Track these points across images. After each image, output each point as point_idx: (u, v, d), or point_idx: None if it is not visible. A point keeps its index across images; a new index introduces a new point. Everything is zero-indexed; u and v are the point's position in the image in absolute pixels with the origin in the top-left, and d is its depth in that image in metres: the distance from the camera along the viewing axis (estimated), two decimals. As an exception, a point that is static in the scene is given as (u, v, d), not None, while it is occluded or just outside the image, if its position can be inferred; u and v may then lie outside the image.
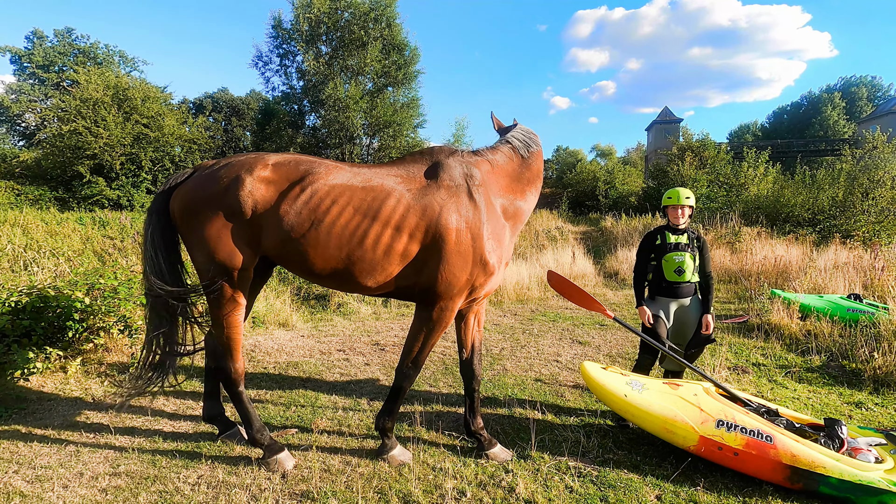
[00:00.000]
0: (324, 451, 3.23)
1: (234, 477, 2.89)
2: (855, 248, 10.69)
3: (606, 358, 5.44)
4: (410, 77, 25.66)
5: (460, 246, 2.74)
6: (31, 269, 6.56)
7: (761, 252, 10.82)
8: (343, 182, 2.79)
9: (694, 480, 2.93)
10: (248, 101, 36.78)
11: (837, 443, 2.96)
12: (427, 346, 2.94)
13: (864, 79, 52.37)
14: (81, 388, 4.21)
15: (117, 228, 12.26)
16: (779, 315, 6.40)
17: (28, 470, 2.93)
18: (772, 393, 4.37)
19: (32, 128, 31.08)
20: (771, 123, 56.51)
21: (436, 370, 4.94)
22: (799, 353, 5.48)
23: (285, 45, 25.39)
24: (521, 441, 3.42)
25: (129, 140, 22.29)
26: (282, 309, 6.80)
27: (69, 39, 33.25)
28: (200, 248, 2.75)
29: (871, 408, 4.08)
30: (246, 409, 3.02)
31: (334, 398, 4.17)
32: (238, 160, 2.86)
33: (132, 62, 35.39)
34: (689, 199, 3.84)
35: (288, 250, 2.73)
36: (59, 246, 9.03)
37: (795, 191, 15.43)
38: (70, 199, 21.65)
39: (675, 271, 3.76)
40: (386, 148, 25.11)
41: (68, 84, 28.13)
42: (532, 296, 8.92)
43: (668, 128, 43.23)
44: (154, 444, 3.28)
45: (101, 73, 24.45)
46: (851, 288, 7.80)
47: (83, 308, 4.48)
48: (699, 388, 3.24)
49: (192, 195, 2.77)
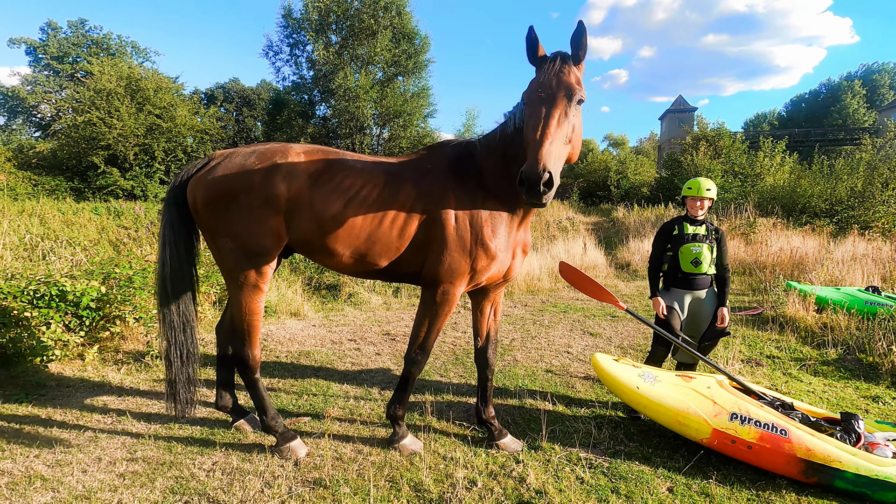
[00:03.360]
0: (336, 439, 3.26)
1: (247, 464, 2.94)
2: (874, 240, 10.48)
3: (618, 349, 5.41)
4: (420, 66, 25.50)
5: (460, 230, 2.80)
6: (48, 258, 6.68)
7: (777, 243, 10.65)
8: (368, 169, 2.93)
9: (706, 473, 2.92)
10: (258, 91, 36.87)
11: (854, 437, 2.92)
12: (433, 331, 2.97)
13: (887, 66, 50.95)
14: (99, 375, 4.29)
15: (131, 218, 12.41)
16: (794, 307, 6.31)
17: (48, 454, 3.00)
18: (786, 386, 4.32)
19: (48, 119, 31.52)
20: (788, 112, 55.37)
21: (447, 360, 4.96)
22: (814, 346, 5.40)
23: (295, 35, 25.35)
24: (532, 432, 3.42)
25: (142, 130, 22.51)
26: (293, 299, 6.86)
27: (83, 31, 33.50)
28: (228, 234, 2.81)
29: (888, 402, 4.02)
30: (261, 397, 3.06)
31: (346, 387, 4.20)
32: (265, 148, 2.93)
33: (144, 53, 35.62)
34: (710, 190, 3.78)
35: (317, 233, 2.82)
36: (75, 236, 9.17)
37: (813, 181, 15.14)
38: (85, 189, 21.98)
39: (691, 262, 3.72)
40: (396, 138, 25.05)
41: (82, 75, 28.42)
42: (543, 287, 8.89)
43: (682, 117, 42.51)
44: (170, 431, 3.34)
45: (114, 63, 24.66)
46: (869, 280, 7.66)
47: (99, 297, 4.55)
48: (713, 381, 3.21)
49: (221, 183, 2.81)
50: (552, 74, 2.46)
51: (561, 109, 2.39)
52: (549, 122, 2.35)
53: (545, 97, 2.43)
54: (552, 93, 2.43)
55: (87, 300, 4.42)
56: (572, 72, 2.47)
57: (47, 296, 4.32)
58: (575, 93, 2.43)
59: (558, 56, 2.51)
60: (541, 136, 2.31)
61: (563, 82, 2.43)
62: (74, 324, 4.49)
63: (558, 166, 2.35)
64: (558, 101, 2.41)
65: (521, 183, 2.30)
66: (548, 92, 2.44)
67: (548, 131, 2.32)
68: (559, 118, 2.37)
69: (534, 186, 2.22)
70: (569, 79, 2.44)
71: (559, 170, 2.37)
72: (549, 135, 2.30)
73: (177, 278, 3.03)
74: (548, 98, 2.42)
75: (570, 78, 2.45)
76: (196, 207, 2.91)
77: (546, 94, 2.44)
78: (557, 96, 2.42)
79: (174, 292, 3.03)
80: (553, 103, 2.40)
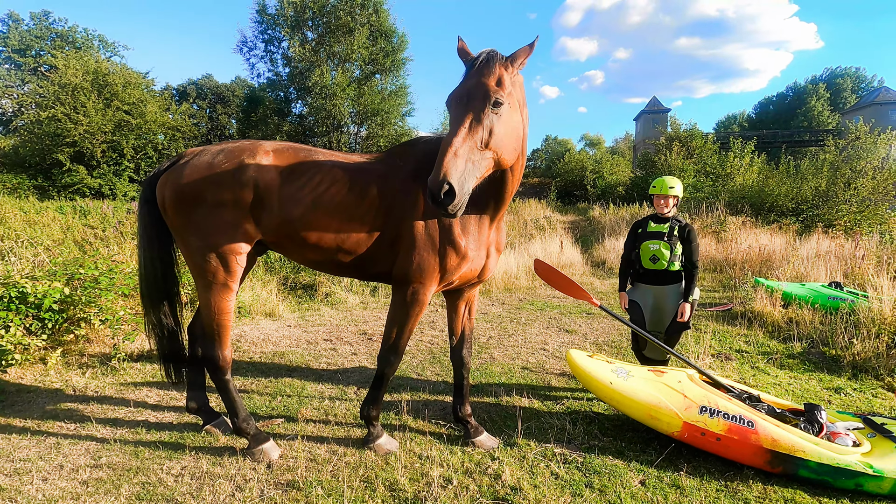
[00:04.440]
0: (310, 440, 3.21)
1: (218, 468, 2.87)
2: (837, 238, 10.87)
3: (593, 346, 5.48)
4: (398, 64, 25.39)
5: (429, 229, 2.78)
6: (7, 258, 6.40)
7: (746, 241, 10.95)
8: (339, 165, 2.90)
9: (677, 466, 2.98)
10: (233, 87, 36.15)
11: (817, 427, 3.02)
12: (405, 331, 2.95)
13: (849, 70, 53.05)
14: (62, 380, 4.13)
15: (99, 217, 12.00)
16: (762, 303, 6.50)
17: (6, 463, 2.88)
18: (754, 379, 4.44)
19: (9, 114, 30.24)
20: (757, 114, 57.06)
21: (423, 359, 4.94)
22: (781, 341, 5.58)
23: (270, 31, 24.95)
24: (508, 429, 3.44)
25: (109, 127, 21.79)
26: (268, 299, 6.73)
27: (46, 23, 32.29)
28: (196, 233, 2.76)
29: (849, 393, 4.17)
30: (232, 398, 3.00)
31: (321, 388, 4.14)
32: (234, 146, 2.89)
33: (112, 47, 34.53)
34: (674, 188, 3.87)
35: (287, 230, 2.80)
36: (37, 235, 8.81)
37: (780, 181, 15.61)
38: (50, 187, 21.16)
39: (650, 259, 3.86)
40: (374, 136, 24.88)
41: (46, 69, 27.32)
42: (520, 285, 8.95)
43: (656, 118, 43.44)
44: (137, 436, 3.24)
45: (79, 57, 23.78)
46: (833, 276, 7.94)
47: (63, 298, 4.38)
48: (683, 375, 3.27)
49: (189, 181, 2.76)
50: (471, 76, 2.35)
51: (471, 115, 2.25)
52: (458, 129, 2.23)
53: (456, 101, 2.33)
54: (463, 96, 2.31)
55: (50, 302, 4.26)
56: (493, 73, 2.33)
57: (6, 298, 4.14)
58: (490, 95, 2.27)
59: (483, 55, 2.39)
60: (445, 145, 2.20)
61: (479, 84, 2.30)
62: (36, 327, 4.31)
63: (470, 175, 2.22)
64: (469, 106, 2.27)
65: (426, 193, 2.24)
66: (459, 96, 2.33)
67: (453, 140, 2.20)
68: (470, 124, 2.24)
69: (434, 198, 2.15)
70: (486, 80, 2.30)
71: (473, 178, 2.25)
72: (454, 143, 2.19)
73: (151, 276, 3.10)
74: (458, 102, 2.32)
75: (489, 79, 2.31)
76: (164, 206, 2.86)
77: (457, 98, 2.33)
78: (468, 100, 2.29)
79: (150, 290, 3.13)
80: (463, 109, 2.28)
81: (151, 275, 3.10)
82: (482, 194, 2.75)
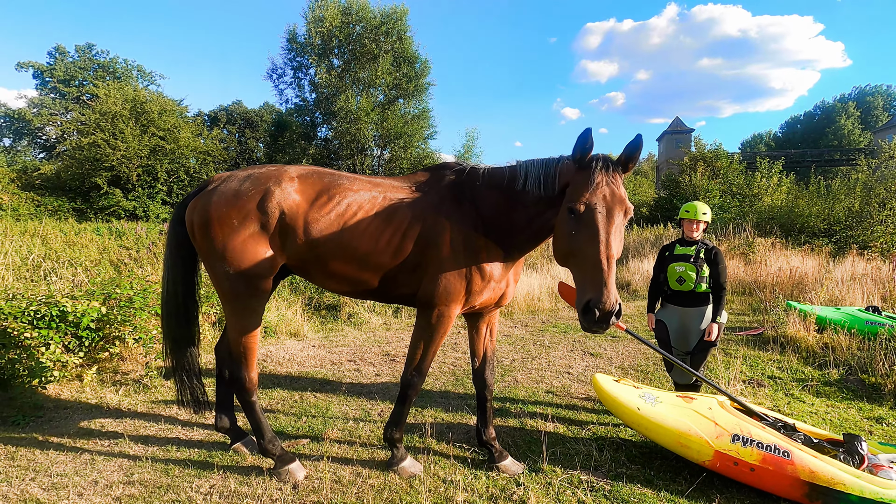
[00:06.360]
0: (335, 461, 3.23)
1: (245, 487, 2.90)
2: (873, 260, 10.51)
3: (619, 370, 5.38)
4: (421, 89, 25.98)
5: (455, 253, 2.81)
6: (49, 278, 6.69)
7: (776, 263, 10.67)
8: (365, 190, 2.95)
9: (709, 496, 2.88)
10: (261, 113, 37.41)
11: (857, 459, 2.89)
12: (429, 353, 2.97)
13: (880, 88, 51.87)
14: (97, 397, 4.27)
15: (133, 239, 12.46)
16: (795, 327, 6.29)
17: (44, 478, 2.97)
18: (788, 407, 4.29)
19: (53, 140, 31.95)
20: (784, 133, 56.07)
21: (447, 381, 4.93)
22: (816, 367, 5.38)
23: (299, 59, 25.89)
24: (533, 454, 3.39)
25: (145, 152, 22.79)
26: (293, 319, 6.84)
27: (90, 55, 34.19)
28: (223, 258, 2.82)
29: (892, 423, 3.98)
30: (258, 419, 3.04)
31: (345, 408, 4.17)
32: (260, 172, 2.96)
33: (150, 76, 36.29)
34: (706, 214, 3.96)
35: (312, 255, 2.84)
36: (76, 256, 9.20)
37: (810, 201, 15.24)
38: (88, 209, 22.13)
39: (676, 280, 3.90)
40: (396, 159, 25.35)
41: (88, 98, 28.88)
42: (543, 307, 8.88)
43: (679, 138, 43.08)
44: (167, 454, 3.31)
45: (119, 87, 25.10)
46: (869, 300, 7.66)
47: (100, 317, 4.55)
48: (714, 402, 3.19)
49: (215, 206, 2.84)
50: (607, 184, 2.31)
51: (622, 230, 2.30)
52: (613, 244, 2.23)
53: (606, 212, 2.26)
54: (611, 209, 2.27)
55: (88, 321, 4.42)
56: (621, 184, 2.36)
57: (48, 316, 4.32)
58: (629, 212, 2.33)
59: (608, 163, 2.35)
60: (608, 263, 2.17)
61: (619, 198, 2.30)
62: (74, 344, 4.48)
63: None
64: (620, 221, 2.29)
65: (586, 311, 2.16)
66: (608, 207, 2.27)
67: (611, 255, 2.19)
68: (620, 238, 2.29)
69: (607, 319, 2.13)
70: (621, 193, 2.32)
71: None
72: (613, 259, 2.20)
73: (172, 297, 3.17)
74: (608, 215, 2.26)
75: (622, 191, 2.33)
76: (193, 231, 2.94)
77: (606, 209, 2.26)
78: (618, 214, 2.28)
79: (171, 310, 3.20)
80: (615, 223, 2.26)
81: (173, 296, 3.17)
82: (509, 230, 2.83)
